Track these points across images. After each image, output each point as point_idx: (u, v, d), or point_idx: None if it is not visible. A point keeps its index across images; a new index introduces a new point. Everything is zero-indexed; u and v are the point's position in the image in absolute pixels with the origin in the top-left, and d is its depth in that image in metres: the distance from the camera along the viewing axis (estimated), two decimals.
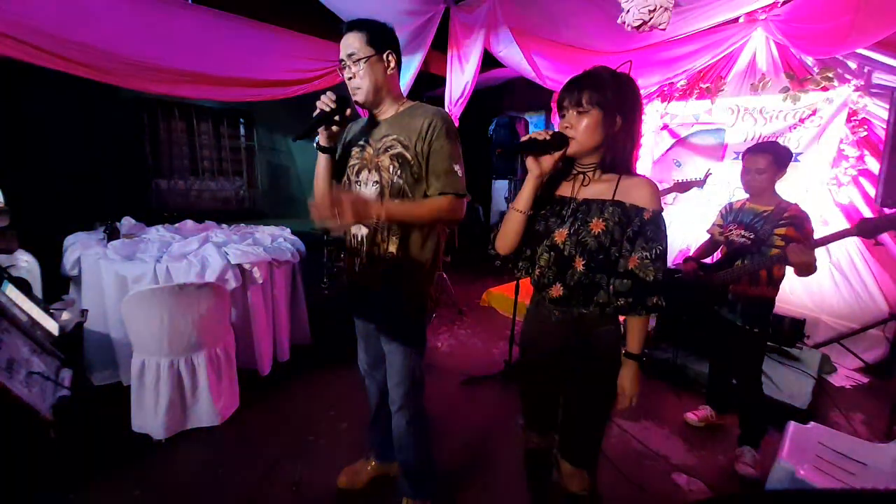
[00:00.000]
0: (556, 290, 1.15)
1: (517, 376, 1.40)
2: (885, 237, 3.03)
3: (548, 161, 1.10)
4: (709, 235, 2.18)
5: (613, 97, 1.05)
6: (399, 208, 1.28)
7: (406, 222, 1.32)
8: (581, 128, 1.07)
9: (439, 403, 2.40)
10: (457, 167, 1.30)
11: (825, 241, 1.72)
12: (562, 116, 1.12)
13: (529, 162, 1.10)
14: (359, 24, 1.29)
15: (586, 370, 1.19)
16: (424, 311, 1.46)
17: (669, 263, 3.21)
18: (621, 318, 1.18)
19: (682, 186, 2.71)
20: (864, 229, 1.62)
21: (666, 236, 1.09)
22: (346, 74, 1.32)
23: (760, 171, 1.87)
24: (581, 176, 1.15)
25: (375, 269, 1.39)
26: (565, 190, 1.18)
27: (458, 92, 3.41)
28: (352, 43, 1.28)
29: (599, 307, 1.13)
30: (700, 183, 2.68)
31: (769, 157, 1.85)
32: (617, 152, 1.09)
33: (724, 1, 2.75)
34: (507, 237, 1.20)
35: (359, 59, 1.28)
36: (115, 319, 2.17)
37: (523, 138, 1.11)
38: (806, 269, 1.70)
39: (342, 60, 1.31)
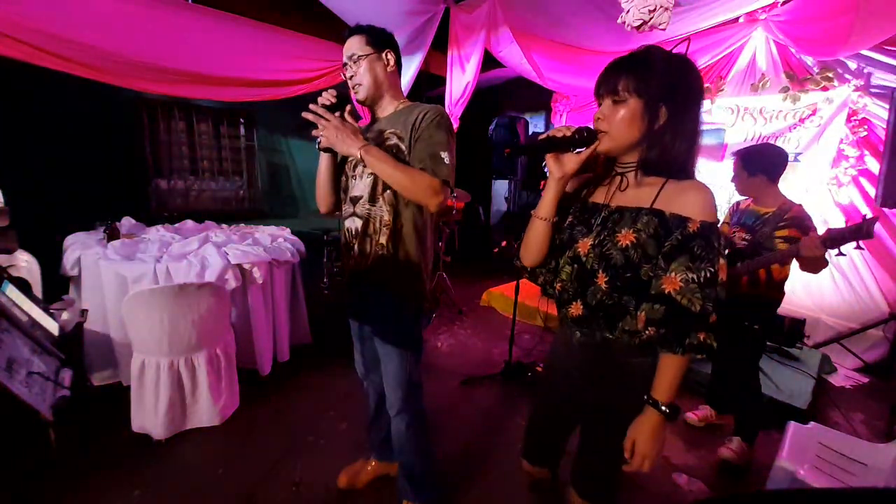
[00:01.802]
0: (576, 309, 1.00)
1: (536, 397, 1.26)
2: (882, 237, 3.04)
3: (572, 160, 0.94)
4: None
5: (658, 84, 0.87)
6: (381, 154, 1.24)
7: (380, 172, 1.26)
8: (615, 120, 0.90)
9: (439, 403, 2.40)
10: (444, 154, 1.27)
11: (830, 242, 1.66)
12: (599, 106, 0.96)
13: (550, 162, 0.96)
14: (358, 29, 1.36)
15: (610, 404, 1.02)
16: (421, 312, 1.45)
17: None
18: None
19: None
20: (831, 239, 1.62)
21: (719, 256, 0.87)
22: (349, 73, 1.36)
23: (734, 175, 1.96)
24: (620, 178, 0.98)
25: (366, 262, 1.38)
26: (600, 195, 1.02)
27: (459, 92, 3.41)
28: (352, 45, 1.35)
29: (627, 335, 0.94)
30: None
31: (737, 162, 1.93)
32: (663, 151, 0.90)
33: (724, 1, 2.75)
34: (530, 247, 1.06)
35: (359, 58, 1.33)
36: (115, 319, 2.17)
37: (541, 136, 0.96)
38: (814, 264, 1.70)
39: (345, 63, 1.37)
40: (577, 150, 0.94)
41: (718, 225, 0.90)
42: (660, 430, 0.92)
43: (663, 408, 0.90)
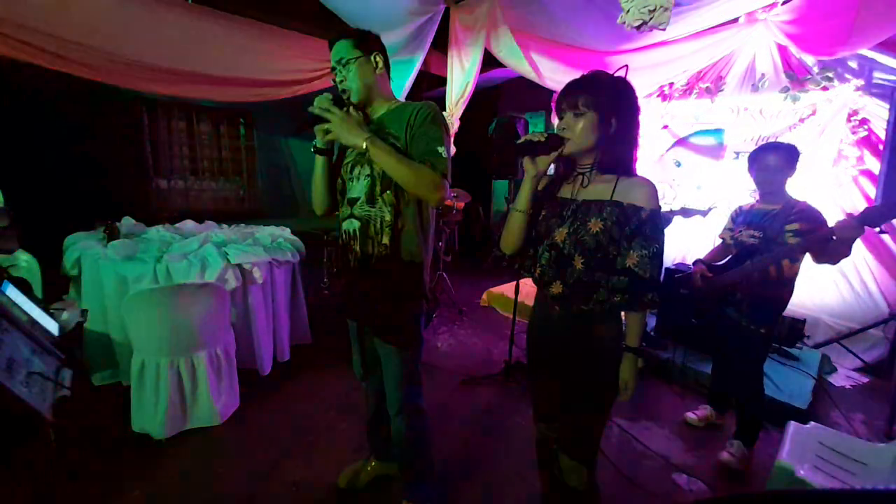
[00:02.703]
0: (557, 288, 1.18)
1: (526, 368, 1.43)
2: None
3: (543, 161, 1.14)
4: (720, 240, 2.16)
5: (608, 100, 1.09)
6: (386, 146, 1.25)
7: (385, 165, 1.26)
8: (577, 129, 1.11)
9: (439, 403, 2.40)
10: (441, 149, 1.29)
11: (870, 220, 1.60)
12: (560, 118, 1.16)
13: (526, 162, 1.15)
14: (346, 33, 1.37)
15: (586, 365, 1.21)
16: (421, 311, 1.45)
17: (670, 265, 3.22)
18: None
19: (686, 213, 2.91)
20: (868, 218, 1.58)
21: (663, 234, 1.12)
22: (338, 77, 1.37)
23: (774, 169, 1.87)
24: (581, 177, 1.19)
25: (369, 263, 1.38)
26: (567, 191, 1.22)
27: (459, 92, 3.41)
28: (340, 49, 1.34)
29: (599, 304, 1.15)
30: (703, 212, 2.82)
31: (779, 156, 1.86)
32: (614, 153, 1.13)
33: (724, 1, 2.75)
34: (509, 237, 1.25)
35: (348, 62, 1.33)
36: (115, 319, 2.17)
37: (520, 140, 1.15)
38: (840, 250, 1.66)
39: (334, 67, 1.37)
40: (548, 153, 1.13)
41: (661, 211, 1.11)
42: (636, 366, 1.19)
43: (637, 349, 1.18)
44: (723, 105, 3.63)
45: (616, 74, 1.14)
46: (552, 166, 1.18)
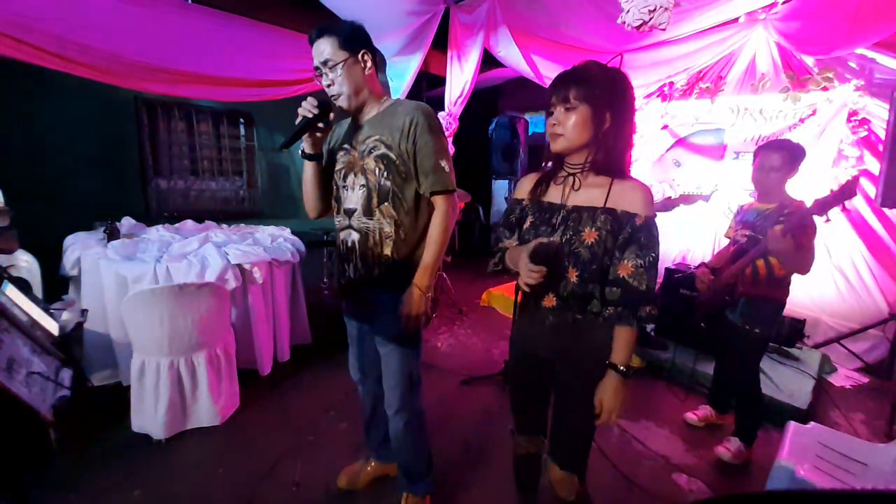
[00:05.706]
0: (549, 301, 1.12)
1: (509, 376, 1.39)
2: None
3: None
4: (728, 240, 2.16)
5: (602, 93, 1.01)
6: (428, 266, 1.33)
7: (440, 259, 1.36)
8: (569, 125, 1.03)
9: (439, 403, 2.40)
10: (443, 162, 1.29)
11: (792, 226, 1.68)
12: (550, 114, 1.08)
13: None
14: (328, 29, 1.25)
15: (578, 374, 1.15)
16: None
17: (670, 265, 3.22)
18: None
19: (688, 199, 2.84)
20: (817, 207, 1.67)
21: (658, 243, 1.05)
22: (325, 82, 1.29)
23: (774, 168, 1.83)
24: (571, 178, 1.10)
25: (370, 273, 1.38)
26: (555, 195, 1.13)
27: (458, 92, 3.41)
28: (324, 49, 1.24)
29: (594, 315, 1.10)
30: (706, 197, 2.77)
31: (784, 155, 1.82)
32: (608, 152, 1.04)
33: (724, 1, 2.75)
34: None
35: (335, 65, 1.24)
36: (115, 319, 2.17)
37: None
38: (790, 258, 1.72)
39: (317, 68, 1.28)
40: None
41: (656, 217, 1.06)
42: (620, 388, 1.07)
43: (622, 369, 1.06)
44: (723, 105, 3.62)
45: (610, 64, 1.06)
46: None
